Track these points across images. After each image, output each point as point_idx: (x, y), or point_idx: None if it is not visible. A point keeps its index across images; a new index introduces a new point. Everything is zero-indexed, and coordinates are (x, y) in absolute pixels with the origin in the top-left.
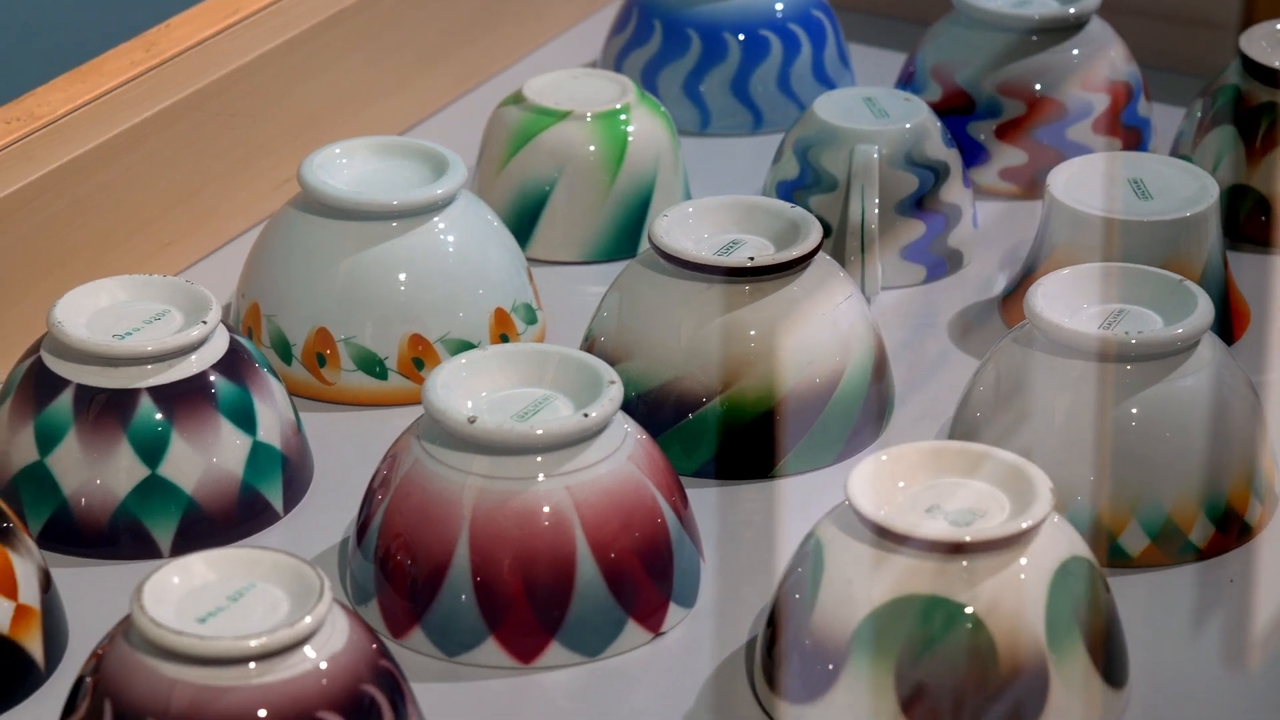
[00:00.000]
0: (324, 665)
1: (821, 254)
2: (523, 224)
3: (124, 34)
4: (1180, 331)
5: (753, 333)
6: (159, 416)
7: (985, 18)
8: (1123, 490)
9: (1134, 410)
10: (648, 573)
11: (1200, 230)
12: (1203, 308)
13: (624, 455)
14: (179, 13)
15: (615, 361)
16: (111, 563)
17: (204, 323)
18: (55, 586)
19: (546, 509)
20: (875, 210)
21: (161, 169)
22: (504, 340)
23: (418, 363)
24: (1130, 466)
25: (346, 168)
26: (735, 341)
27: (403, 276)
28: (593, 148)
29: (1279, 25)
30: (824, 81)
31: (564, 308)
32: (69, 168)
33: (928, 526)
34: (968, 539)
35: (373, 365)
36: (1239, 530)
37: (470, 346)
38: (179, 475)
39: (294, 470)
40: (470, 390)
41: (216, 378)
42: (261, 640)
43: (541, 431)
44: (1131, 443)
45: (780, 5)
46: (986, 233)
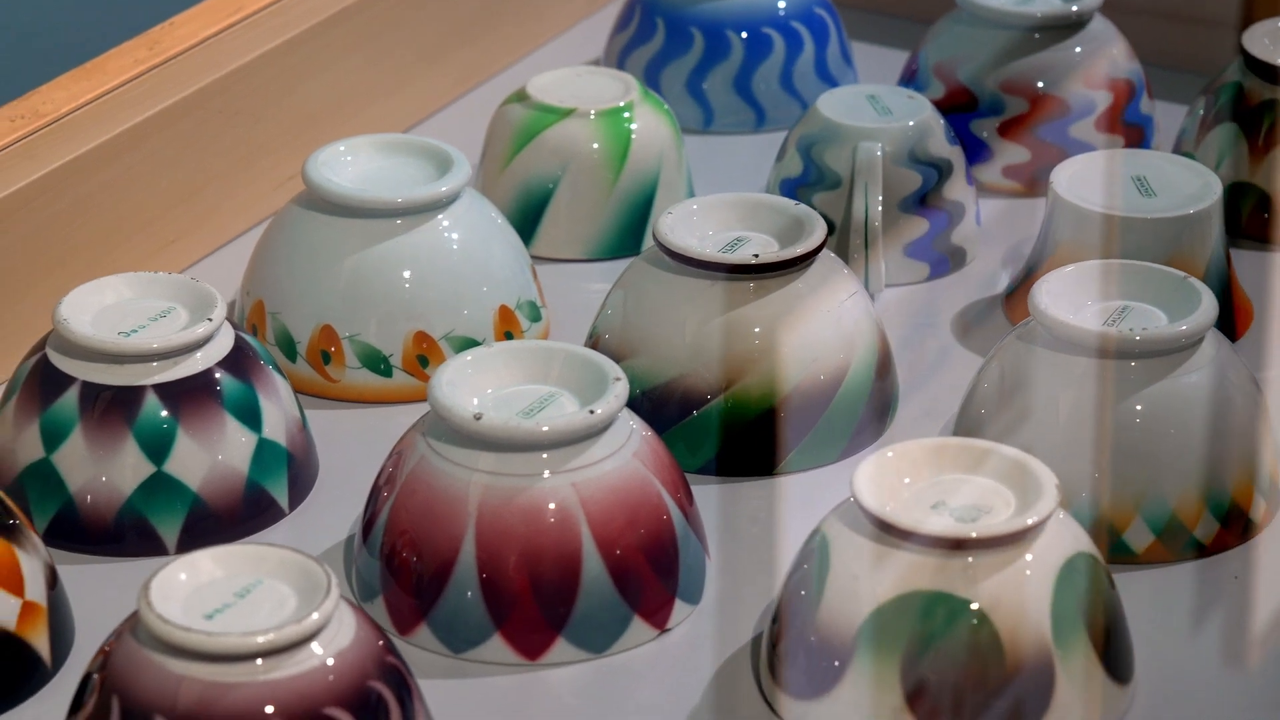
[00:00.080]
0: (331, 662)
1: (826, 251)
2: (526, 222)
3: (127, 32)
4: (1184, 328)
5: (757, 330)
6: (164, 414)
7: (988, 15)
8: (1127, 487)
9: (1138, 407)
10: (653, 569)
11: (1203, 227)
12: (1206, 304)
13: (629, 452)
14: (182, 11)
15: (620, 359)
16: (117, 560)
17: (209, 320)
18: (61, 583)
19: (552, 506)
20: (879, 208)
21: (164, 167)
22: (508, 338)
23: (422, 360)
24: (1134, 463)
25: (351, 165)
26: (739, 339)
27: (407, 274)
28: (596, 145)
29: None
30: (827, 79)
31: (567, 305)
32: (72, 166)
33: (933, 523)
34: (973, 535)
35: (377, 362)
36: (1243, 527)
37: (475, 344)
38: (184, 472)
39: (299, 467)
40: (476, 387)
41: (222, 375)
42: (269, 637)
43: (547, 428)
44: (1135, 439)
45: (783, 3)
46: (989, 230)
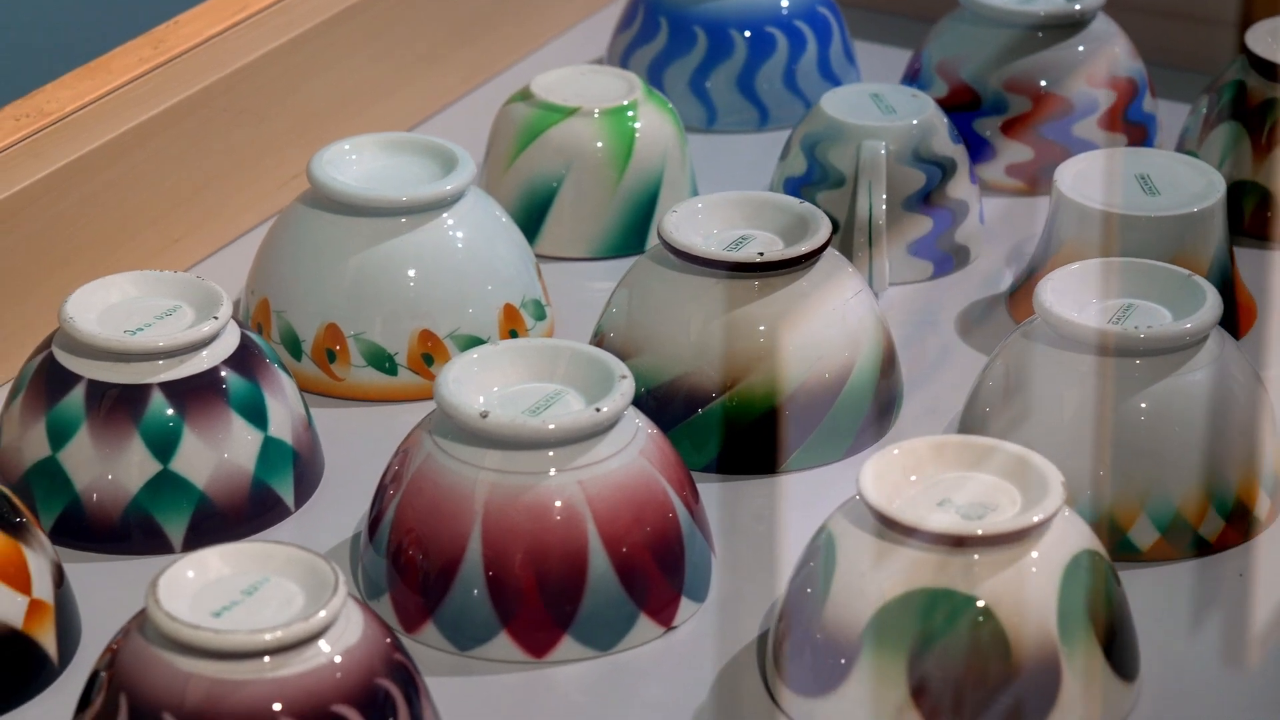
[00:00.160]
0: (338, 659)
1: (830, 249)
2: (530, 220)
3: (131, 31)
4: (1189, 326)
5: (762, 328)
6: (170, 412)
7: (991, 14)
8: (1132, 484)
9: (1143, 404)
10: (659, 567)
11: (1207, 226)
12: (1211, 302)
13: (635, 450)
14: (186, 10)
15: (625, 357)
16: (123, 558)
17: (215, 318)
18: (68, 581)
19: (558, 503)
20: (883, 206)
21: (169, 165)
22: (513, 336)
23: (427, 358)
24: (1139, 460)
25: (355, 164)
26: (744, 337)
27: (412, 272)
28: (600, 144)
29: None
30: (830, 78)
31: (572, 303)
32: (77, 164)
33: (939, 520)
34: (980, 532)
35: (382, 361)
36: (1248, 524)
37: (480, 342)
38: (191, 470)
39: (305, 465)
40: (482, 385)
41: (228, 373)
42: (276, 634)
43: (554, 426)
44: (1140, 437)
45: (786, 2)
46: (992, 228)
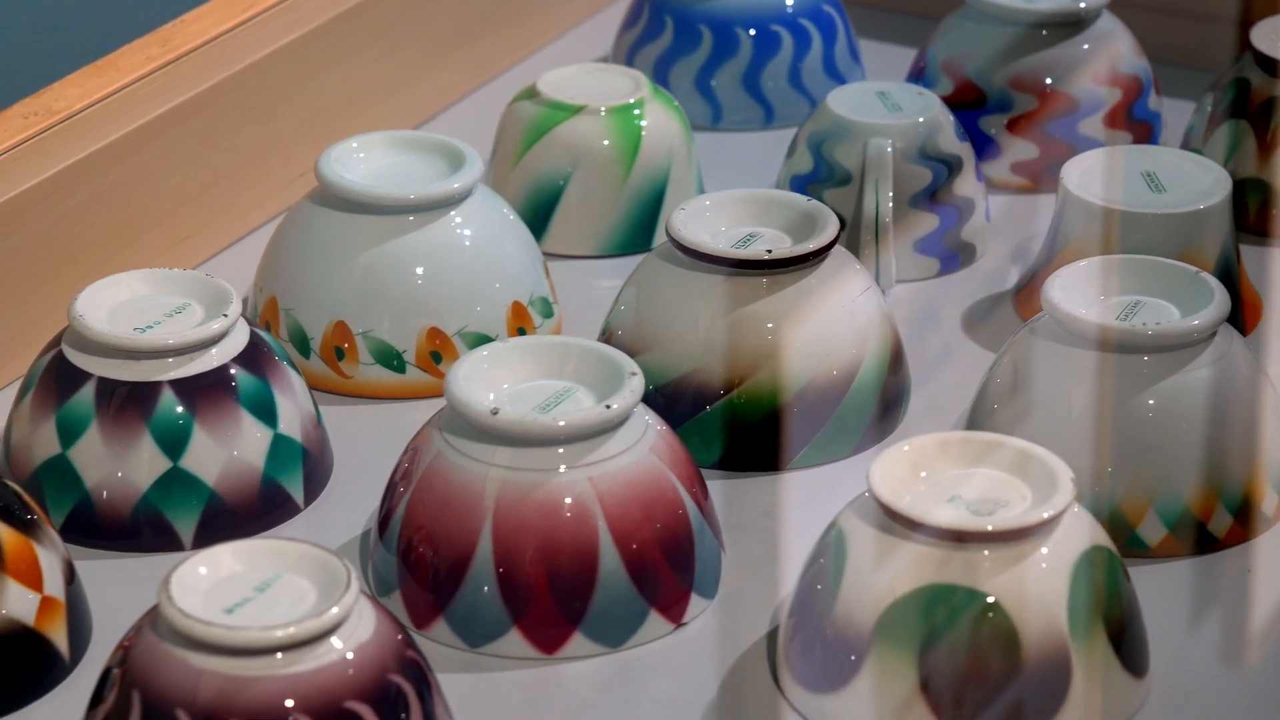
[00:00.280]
0: (351, 655)
1: (838, 247)
2: (537, 218)
3: (139, 29)
4: (1197, 323)
5: (770, 325)
6: (180, 409)
7: (996, 12)
8: (1140, 481)
9: (1151, 401)
10: (670, 563)
11: (1213, 223)
12: (1219, 299)
13: (645, 446)
14: (193, 8)
15: (633, 354)
16: (133, 555)
17: (225, 316)
18: (79, 578)
19: (569, 500)
20: (889, 204)
21: (177, 163)
22: (521, 333)
23: (435, 356)
24: (1147, 457)
25: (363, 162)
26: (752, 334)
27: (420, 270)
28: (607, 142)
29: None
30: (835, 76)
31: (579, 301)
32: (85, 162)
33: (949, 516)
34: (989, 528)
35: (391, 359)
36: (1256, 520)
37: (488, 340)
38: (200, 468)
39: (314, 463)
40: (492, 382)
41: (237, 371)
42: (289, 631)
43: (564, 423)
44: (1149, 434)
45: (790, 0)
46: (998, 226)
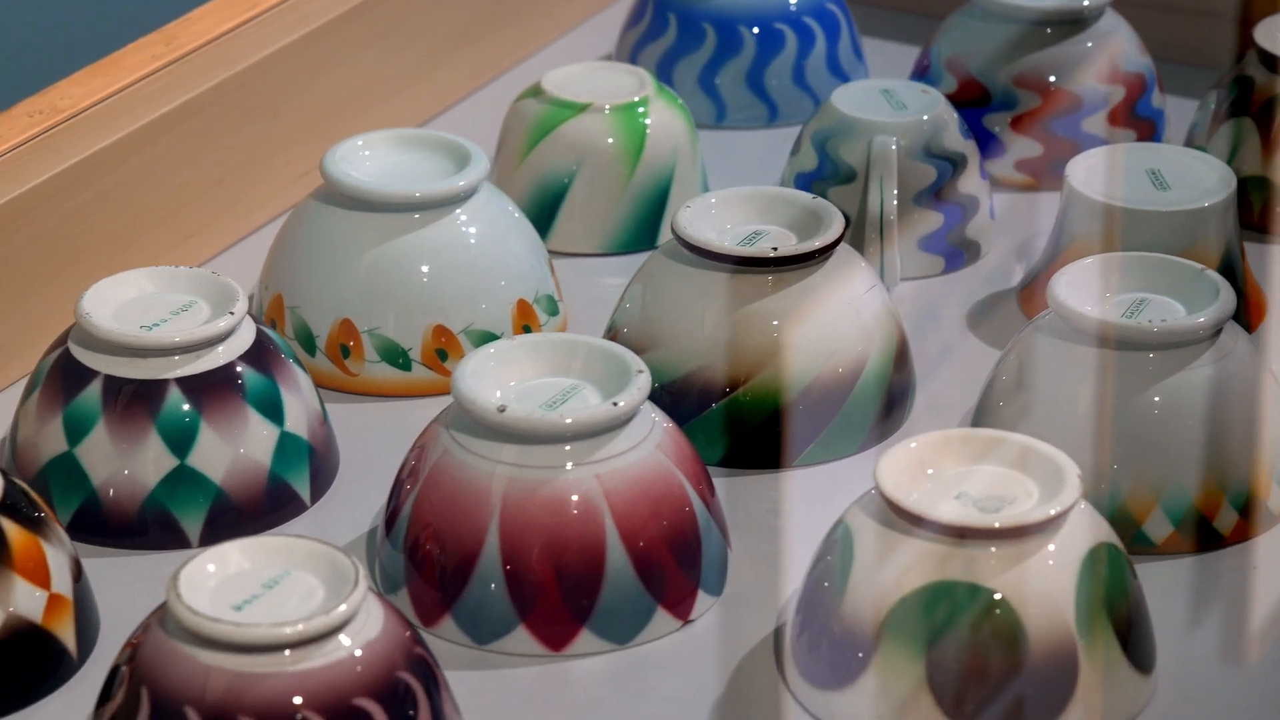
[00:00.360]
0: (359, 653)
1: (844, 244)
2: (542, 216)
3: (143, 28)
4: (1202, 320)
5: (775, 323)
6: (187, 407)
7: (999, 10)
8: (1146, 478)
9: (1156, 398)
10: (676, 560)
11: (1218, 220)
12: (1225, 296)
13: (652, 444)
14: (197, 7)
15: (639, 352)
16: (140, 553)
17: (231, 314)
18: (86, 576)
19: (576, 497)
20: (894, 201)
21: (182, 162)
22: (526, 331)
23: (441, 354)
24: (1153, 454)
25: (369, 160)
26: (758, 332)
27: (425, 268)
28: (611, 140)
29: None
30: (838, 74)
31: (584, 299)
32: (91, 161)
33: (956, 513)
34: (996, 525)
35: (396, 356)
36: (1262, 517)
37: (493, 337)
38: (207, 465)
39: (320, 461)
40: (499, 380)
41: (244, 368)
42: (297, 628)
43: (571, 420)
44: (1154, 431)
45: None
46: (1002, 224)
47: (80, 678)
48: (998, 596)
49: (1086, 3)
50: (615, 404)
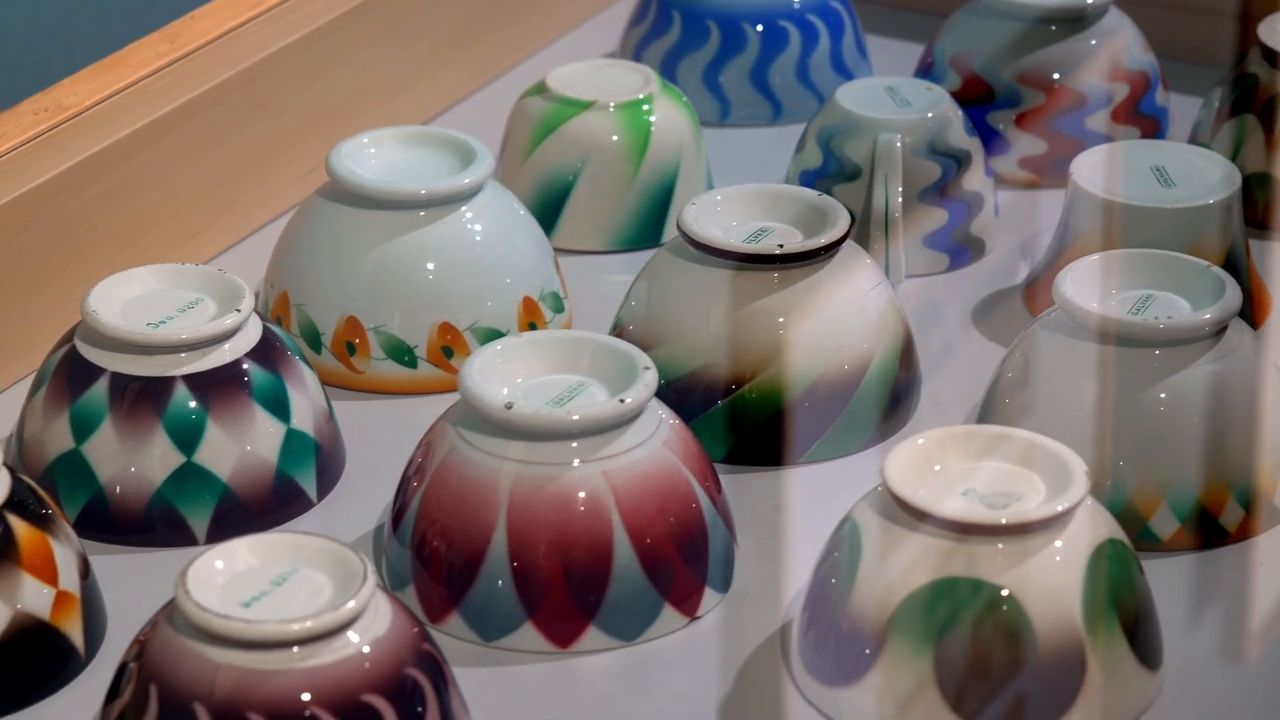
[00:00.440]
0: (367, 649)
1: (849, 241)
2: (547, 214)
3: (148, 26)
4: (1208, 317)
5: (781, 320)
6: (194, 404)
7: (1003, 8)
8: (1152, 474)
9: (1162, 395)
10: (683, 557)
11: (1223, 217)
12: (1230, 293)
13: (659, 441)
14: (202, 5)
15: (644, 349)
16: (146, 550)
17: (238, 311)
18: (94, 573)
19: (583, 494)
20: (898, 198)
21: (187, 160)
22: (532, 328)
23: (447, 351)
24: (1160, 451)
25: (374, 157)
26: (764, 329)
27: (431, 265)
28: (616, 138)
29: None
30: (842, 72)
31: (589, 297)
32: (96, 159)
33: (964, 509)
34: (1004, 521)
35: (402, 354)
36: (1268, 514)
37: (499, 335)
38: (214, 463)
39: (327, 458)
40: (506, 376)
41: (250, 365)
42: (306, 624)
43: (578, 417)
44: (1161, 427)
45: None
46: (1006, 221)
47: (88, 675)
48: (1004, 593)
49: (1090, 0)
50: (622, 401)
